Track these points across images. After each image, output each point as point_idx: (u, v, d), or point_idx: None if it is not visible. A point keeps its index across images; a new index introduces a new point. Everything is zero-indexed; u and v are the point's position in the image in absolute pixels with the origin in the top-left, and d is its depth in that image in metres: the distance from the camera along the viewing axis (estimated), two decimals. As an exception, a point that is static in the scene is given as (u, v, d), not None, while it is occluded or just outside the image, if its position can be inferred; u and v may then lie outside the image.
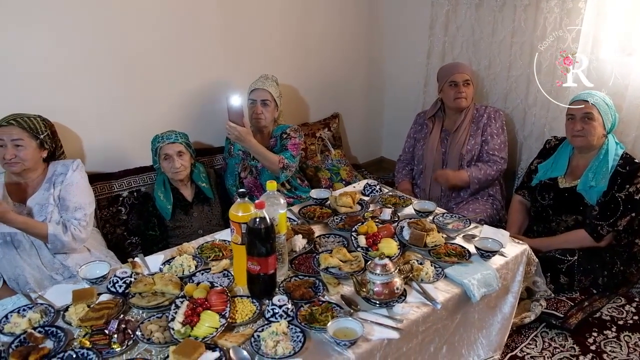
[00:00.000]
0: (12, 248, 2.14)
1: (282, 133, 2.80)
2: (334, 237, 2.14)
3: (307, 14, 3.34)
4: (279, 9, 3.19)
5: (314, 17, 3.37)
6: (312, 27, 3.38)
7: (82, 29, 2.48)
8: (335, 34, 3.54)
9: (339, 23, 3.55)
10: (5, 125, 2.11)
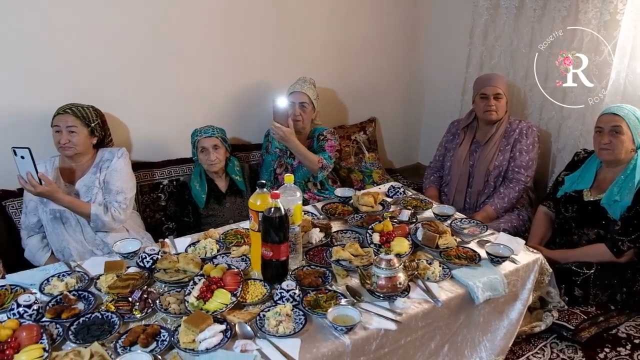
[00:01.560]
0: (60, 223, 2.38)
1: (319, 135, 2.92)
2: (350, 233, 2.24)
3: (350, 19, 3.45)
4: (323, 13, 3.32)
5: (357, 23, 3.48)
6: (354, 32, 3.48)
7: (134, 27, 2.70)
8: (376, 40, 3.63)
9: (380, 29, 3.63)
10: (62, 113, 2.35)
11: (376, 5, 3.54)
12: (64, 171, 2.44)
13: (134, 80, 2.78)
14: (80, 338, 1.55)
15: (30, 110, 2.50)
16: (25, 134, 2.45)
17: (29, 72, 2.50)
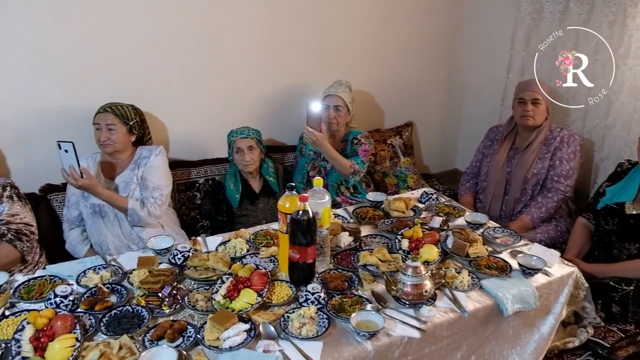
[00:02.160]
0: (99, 217, 2.48)
1: (354, 138, 2.92)
2: (380, 238, 2.23)
3: (388, 23, 3.44)
4: (361, 17, 3.32)
5: (395, 26, 3.46)
6: (392, 36, 3.47)
7: (176, 29, 2.78)
8: (415, 43, 3.61)
9: (419, 32, 3.60)
10: (102, 112, 2.45)
11: (415, 9, 3.51)
12: (105, 167, 2.54)
13: (173, 80, 2.86)
14: (111, 330, 1.61)
15: (76, 108, 2.60)
16: (71, 131, 2.55)
17: (74, 73, 2.61)
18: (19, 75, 2.50)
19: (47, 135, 2.45)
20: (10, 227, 2.22)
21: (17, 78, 2.50)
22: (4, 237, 2.20)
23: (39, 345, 1.48)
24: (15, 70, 2.49)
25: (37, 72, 2.53)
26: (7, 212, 2.24)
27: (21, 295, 1.80)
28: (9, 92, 2.50)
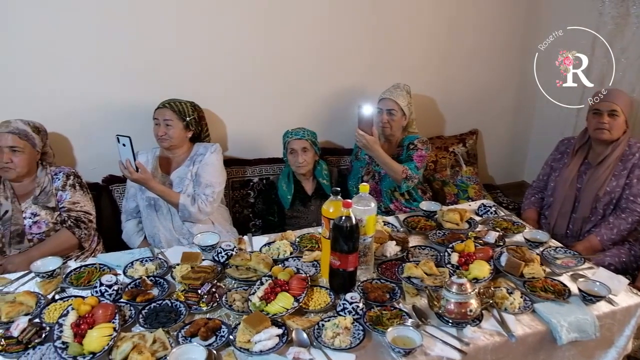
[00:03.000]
0: (153, 211, 2.55)
1: (410, 143, 2.83)
2: (429, 250, 2.14)
3: (456, 28, 3.31)
4: (427, 21, 3.22)
5: (464, 31, 3.33)
6: (460, 41, 3.34)
7: (237, 28, 2.81)
8: (484, 49, 3.45)
9: (491, 36, 3.44)
10: (161, 107, 2.52)
11: (488, 13, 3.36)
12: (162, 162, 2.61)
13: (234, 79, 2.90)
14: (148, 323, 1.63)
15: (139, 103, 2.69)
16: (133, 125, 2.64)
17: (139, 69, 2.71)
18: (88, 69, 2.62)
19: (112, 128, 2.54)
20: (71, 214, 2.33)
21: (86, 72, 2.62)
22: (64, 223, 2.32)
23: (79, 331, 1.52)
24: (85, 65, 2.61)
25: (104, 67, 2.64)
26: (69, 199, 2.36)
27: (71, 281, 1.88)
28: (79, 85, 2.63)
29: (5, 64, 2.48)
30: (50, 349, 1.49)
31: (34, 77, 2.55)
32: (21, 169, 2.27)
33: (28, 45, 2.49)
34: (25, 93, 2.54)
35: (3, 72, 2.49)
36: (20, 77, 2.52)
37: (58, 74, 2.58)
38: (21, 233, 2.26)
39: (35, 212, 2.30)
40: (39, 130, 2.35)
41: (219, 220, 2.63)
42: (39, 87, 2.56)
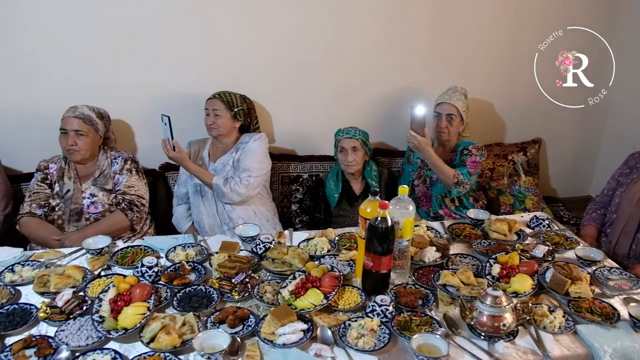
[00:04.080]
0: (199, 197, 2.66)
1: (464, 149, 2.75)
2: (471, 259, 2.06)
3: (521, 31, 3.17)
4: (488, 25, 3.11)
5: (530, 33, 3.16)
6: (525, 43, 3.18)
7: (295, 27, 2.86)
8: (553, 52, 3.26)
9: (559, 42, 3.25)
10: (212, 98, 2.63)
11: (556, 14, 3.17)
12: (212, 149, 2.74)
13: (289, 76, 2.95)
14: (181, 306, 1.69)
15: (197, 93, 2.78)
16: (189, 116, 2.76)
17: (198, 61, 2.82)
18: (153, 62, 2.76)
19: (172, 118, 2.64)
20: (125, 197, 2.46)
21: (151, 65, 2.76)
22: (118, 205, 2.45)
23: (116, 307, 1.60)
24: (150, 58, 2.75)
25: (167, 60, 2.77)
26: (125, 183, 2.49)
27: (117, 259, 1.98)
28: (143, 76, 2.77)
29: (79, 55, 2.66)
30: (88, 321, 1.59)
31: (104, 67, 2.71)
32: (85, 152, 2.42)
33: (100, 37, 2.66)
34: (95, 81, 2.71)
35: (76, 61, 2.66)
36: (91, 66, 2.70)
37: (126, 65, 2.74)
38: (80, 212, 2.41)
39: (94, 193, 2.44)
40: (102, 116, 2.50)
41: (261, 211, 2.68)
42: (107, 77, 2.73)
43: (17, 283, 1.81)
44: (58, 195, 2.44)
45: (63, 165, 2.48)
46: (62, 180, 2.45)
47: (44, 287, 1.76)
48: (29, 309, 1.66)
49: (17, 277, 1.85)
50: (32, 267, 1.91)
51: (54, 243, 2.28)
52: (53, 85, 2.67)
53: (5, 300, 1.71)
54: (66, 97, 2.53)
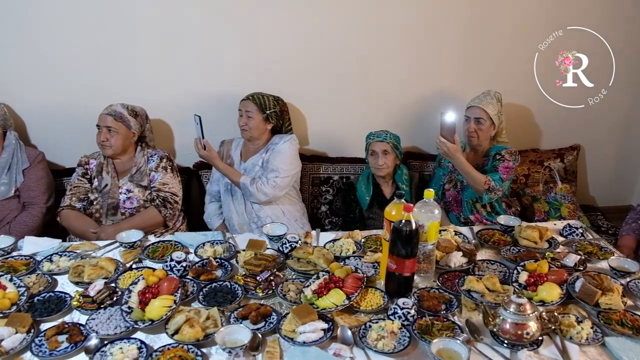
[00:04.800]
0: (230, 195, 2.73)
1: (497, 154, 2.70)
2: (498, 265, 2.03)
3: (570, 32, 3.07)
4: (526, 28, 3.04)
5: (572, 38, 3.08)
6: (564, 48, 3.10)
7: (327, 30, 2.88)
8: (598, 56, 3.16)
9: (606, 42, 3.15)
10: (245, 99, 2.68)
11: (606, 16, 3.07)
12: (244, 149, 2.79)
13: (323, 78, 2.98)
14: (207, 300, 1.74)
15: (231, 95, 2.83)
16: (224, 116, 2.82)
17: (234, 64, 2.88)
18: (190, 61, 2.84)
19: (206, 119, 2.70)
20: (160, 194, 2.54)
21: (188, 64, 2.84)
22: (152, 201, 2.53)
23: (144, 299, 1.66)
24: (187, 58, 2.83)
25: (204, 61, 2.85)
26: (159, 180, 2.57)
27: (148, 253, 2.05)
28: (181, 76, 2.86)
29: (121, 56, 2.76)
30: (117, 312, 1.65)
31: (144, 67, 2.81)
32: (116, 148, 2.53)
33: (140, 39, 2.76)
34: (136, 81, 2.82)
35: (118, 62, 2.77)
36: (132, 67, 2.80)
37: (165, 66, 2.83)
38: (116, 206, 2.51)
39: (130, 189, 2.53)
40: (136, 114, 2.59)
41: (290, 211, 2.72)
42: (147, 77, 2.83)
43: (54, 272, 1.91)
44: (96, 190, 2.54)
45: (102, 161, 2.59)
46: (100, 175, 2.55)
47: (78, 277, 1.85)
48: (64, 297, 1.74)
49: (55, 267, 1.94)
50: (68, 257, 2.00)
51: (91, 235, 2.37)
52: (95, 85, 2.78)
53: (42, 288, 1.80)
54: (107, 96, 2.64)
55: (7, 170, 2.52)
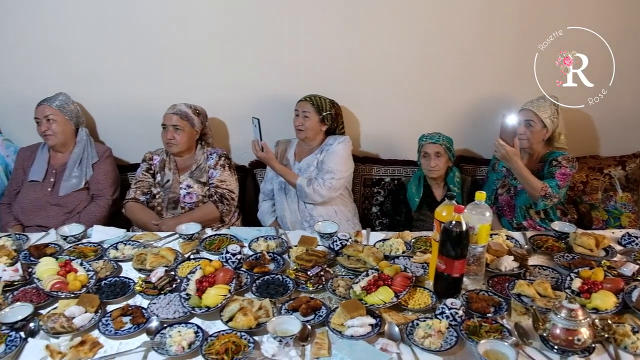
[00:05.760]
0: (283, 194, 2.80)
1: (553, 160, 2.64)
2: (550, 271, 2.00)
3: (629, 31, 2.99)
4: (597, 25, 2.94)
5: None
6: (632, 51, 3.01)
7: (382, 34, 2.90)
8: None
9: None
10: (302, 100, 2.76)
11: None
12: (299, 149, 2.86)
13: (376, 80, 3.00)
14: (259, 291, 1.81)
15: (287, 96, 2.91)
16: (280, 116, 2.90)
17: (290, 66, 2.96)
18: (248, 62, 2.94)
19: (263, 119, 2.72)
20: (217, 190, 2.65)
21: (246, 65, 2.94)
22: (210, 197, 2.65)
23: (201, 287, 1.75)
24: (246, 59, 2.93)
25: (262, 63, 2.94)
26: (217, 177, 2.68)
27: (205, 245, 2.16)
28: (239, 76, 2.96)
29: (183, 56, 2.90)
30: (176, 297, 1.75)
31: (205, 68, 2.94)
32: (182, 145, 2.66)
33: (202, 41, 2.88)
34: (196, 82, 2.95)
35: (181, 63, 2.91)
36: (193, 68, 2.93)
37: (224, 66, 2.94)
38: (176, 200, 2.64)
39: (190, 185, 2.66)
40: (198, 112, 2.71)
41: (342, 211, 2.76)
42: (208, 78, 2.95)
43: (119, 259, 2.05)
44: (159, 185, 2.68)
45: (165, 157, 2.73)
46: (163, 171, 2.70)
47: (141, 264, 1.97)
48: (128, 282, 1.87)
49: (120, 254, 2.08)
50: (132, 246, 2.13)
51: (152, 227, 2.51)
52: (159, 85, 2.94)
53: (109, 273, 1.94)
54: (170, 96, 2.78)
55: (78, 164, 2.71)
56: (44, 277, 1.80)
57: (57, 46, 2.86)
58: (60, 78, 2.90)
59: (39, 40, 2.85)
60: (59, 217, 2.62)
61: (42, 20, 2.81)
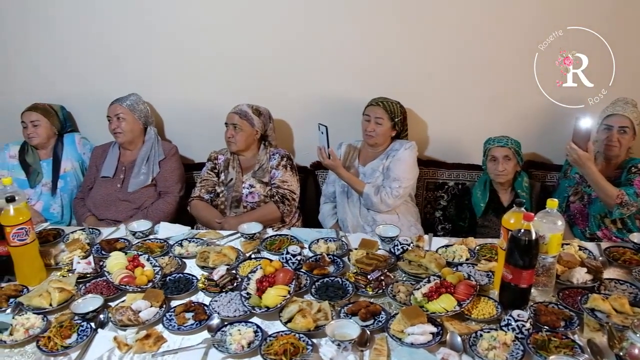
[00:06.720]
0: (345, 197, 2.78)
1: (632, 166, 2.47)
2: (628, 286, 1.87)
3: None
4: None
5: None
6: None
7: (449, 35, 2.83)
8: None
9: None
10: (374, 104, 2.71)
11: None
12: (362, 153, 2.83)
13: (442, 82, 2.92)
14: (318, 294, 1.81)
15: (352, 99, 2.90)
16: (344, 119, 2.88)
17: (354, 69, 2.93)
18: (313, 65, 2.95)
19: (323, 120, 2.71)
20: (279, 190, 2.68)
21: (311, 68, 2.95)
22: (272, 197, 2.67)
23: (261, 287, 1.77)
24: (310, 61, 2.94)
25: (326, 64, 2.94)
26: (279, 177, 2.71)
27: (266, 245, 2.18)
28: (304, 79, 2.98)
29: (248, 57, 2.95)
30: (237, 296, 1.78)
31: (271, 70, 2.97)
32: (240, 144, 2.71)
33: (269, 44, 2.92)
34: (263, 84, 2.98)
35: (247, 64, 2.96)
36: (260, 70, 2.97)
37: (290, 69, 2.96)
38: (239, 199, 2.69)
39: (252, 184, 2.70)
40: (260, 113, 2.75)
41: (405, 215, 2.71)
42: (273, 80, 2.98)
43: (183, 256, 2.10)
44: (223, 183, 2.75)
45: (229, 156, 2.79)
46: (227, 170, 2.76)
47: (204, 262, 2.02)
48: (191, 279, 1.91)
49: (184, 251, 2.14)
50: (196, 244, 2.19)
51: (215, 225, 2.57)
52: (225, 87, 3.00)
53: (173, 269, 2.00)
54: (236, 97, 2.83)
55: (146, 161, 2.82)
56: (114, 271, 1.89)
57: (133, 50, 3.00)
58: (135, 79, 3.03)
59: (118, 43, 2.99)
60: (128, 212, 2.74)
61: (125, 24, 2.94)
